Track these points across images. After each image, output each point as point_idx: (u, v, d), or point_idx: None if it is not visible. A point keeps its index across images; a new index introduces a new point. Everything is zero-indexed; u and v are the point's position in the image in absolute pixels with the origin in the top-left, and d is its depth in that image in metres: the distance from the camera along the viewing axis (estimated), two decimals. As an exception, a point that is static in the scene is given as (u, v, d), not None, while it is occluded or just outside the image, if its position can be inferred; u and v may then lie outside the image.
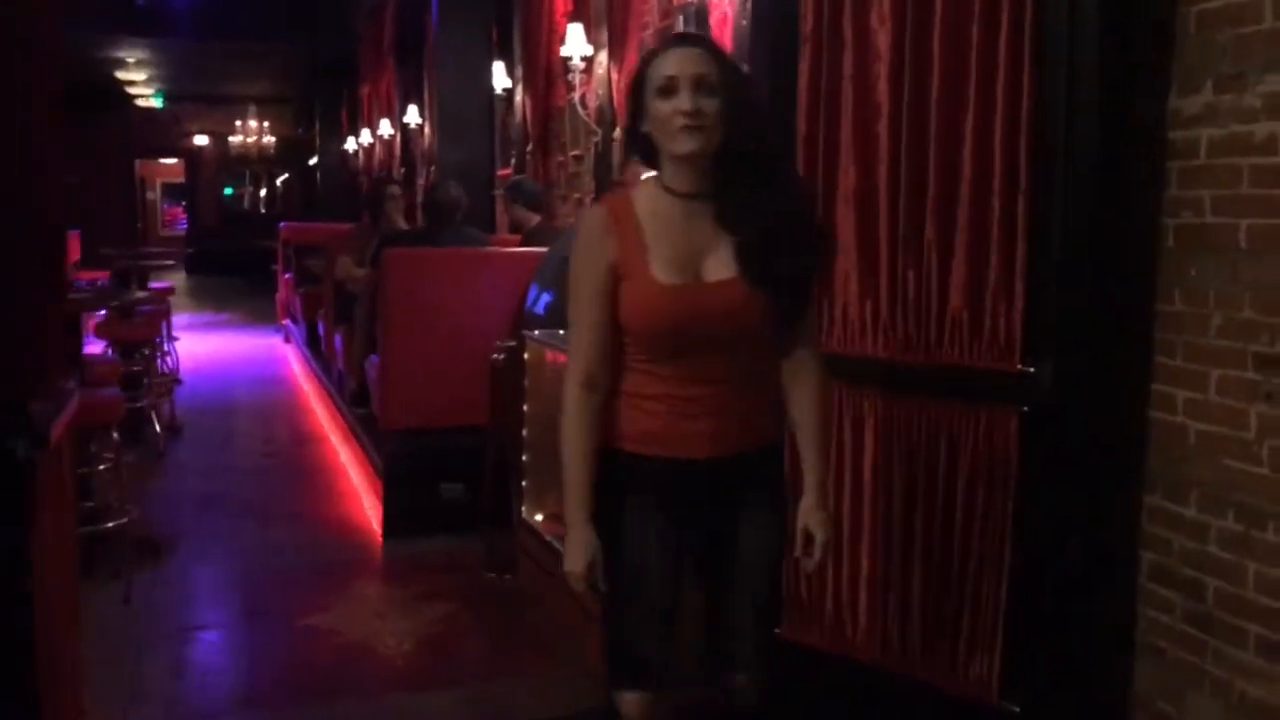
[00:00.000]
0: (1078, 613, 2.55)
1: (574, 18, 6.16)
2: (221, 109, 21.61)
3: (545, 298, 4.90)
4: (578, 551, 1.96)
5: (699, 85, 1.87)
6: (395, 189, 6.49)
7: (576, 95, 6.02)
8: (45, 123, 2.01)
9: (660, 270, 1.93)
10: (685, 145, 1.89)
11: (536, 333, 4.30)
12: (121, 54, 16.18)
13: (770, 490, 2.11)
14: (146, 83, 18.79)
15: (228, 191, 22.72)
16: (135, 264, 8.11)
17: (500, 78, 7.69)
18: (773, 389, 2.08)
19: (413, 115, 10.54)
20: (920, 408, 2.73)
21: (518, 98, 7.61)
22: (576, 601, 1.94)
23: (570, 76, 5.98)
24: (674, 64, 1.90)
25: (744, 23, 4.25)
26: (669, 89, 1.89)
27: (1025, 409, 2.54)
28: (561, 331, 4.25)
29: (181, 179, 22.74)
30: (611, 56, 5.81)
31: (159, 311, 7.33)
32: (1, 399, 1.71)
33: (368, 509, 5.18)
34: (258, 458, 6.47)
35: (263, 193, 23.01)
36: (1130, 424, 2.55)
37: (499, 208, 7.92)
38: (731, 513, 2.07)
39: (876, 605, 2.83)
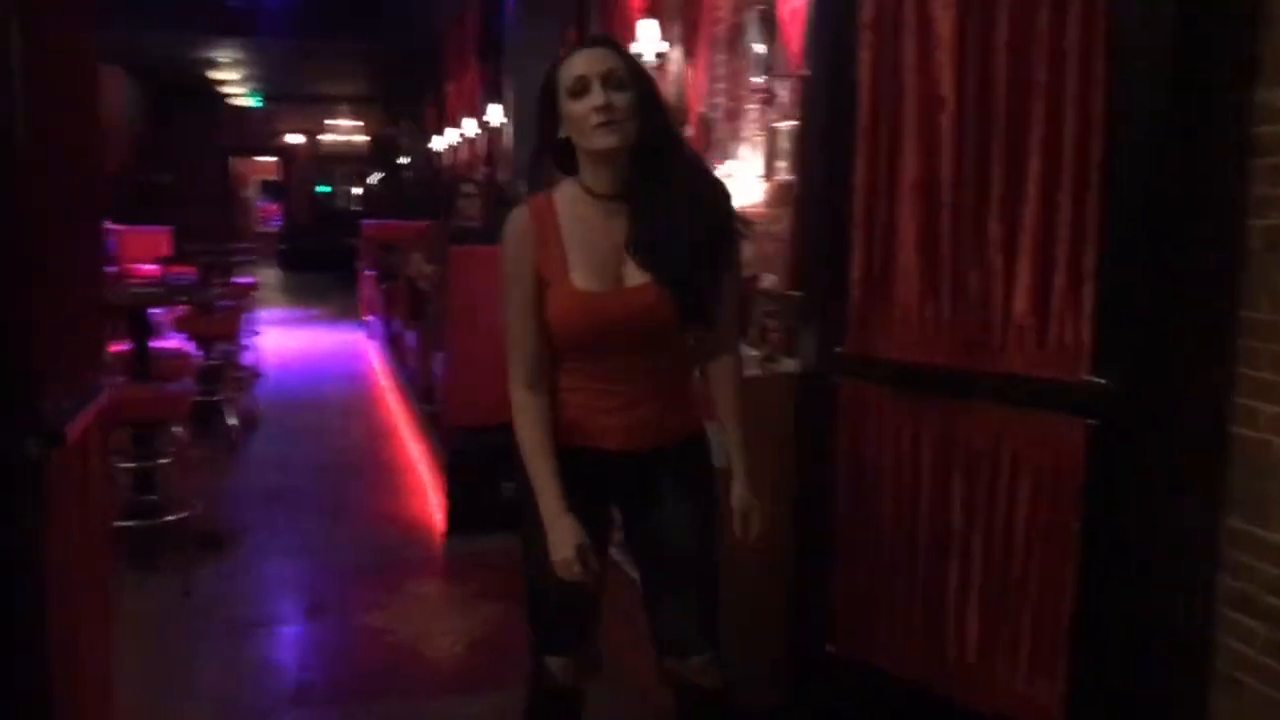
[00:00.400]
0: (1149, 639, 2.38)
1: (648, 14, 6.08)
2: (315, 108, 22.00)
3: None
4: (564, 539, 1.98)
5: (608, 80, 1.90)
6: (469, 187, 6.51)
7: (648, 92, 5.94)
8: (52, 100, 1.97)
9: (580, 277, 1.98)
10: (604, 140, 1.91)
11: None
12: (215, 54, 16.55)
13: (690, 480, 2.15)
14: (241, 82, 19.23)
15: (324, 189, 23.10)
16: (219, 260, 8.22)
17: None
18: (689, 386, 2.17)
19: (495, 115, 10.54)
20: (981, 417, 2.58)
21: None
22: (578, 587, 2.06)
23: (643, 73, 5.91)
24: (582, 64, 1.92)
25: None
26: (581, 89, 1.91)
27: (1094, 421, 2.37)
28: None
29: (276, 176, 23.23)
30: (686, 53, 5.72)
31: (239, 307, 7.44)
32: (9, 397, 1.67)
33: (432, 506, 5.17)
34: (330, 453, 6.51)
35: (357, 191, 23.36)
36: (1209, 439, 2.37)
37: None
38: (654, 504, 2.13)
39: (932, 623, 2.70)
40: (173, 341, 6.44)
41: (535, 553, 2.03)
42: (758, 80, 5.05)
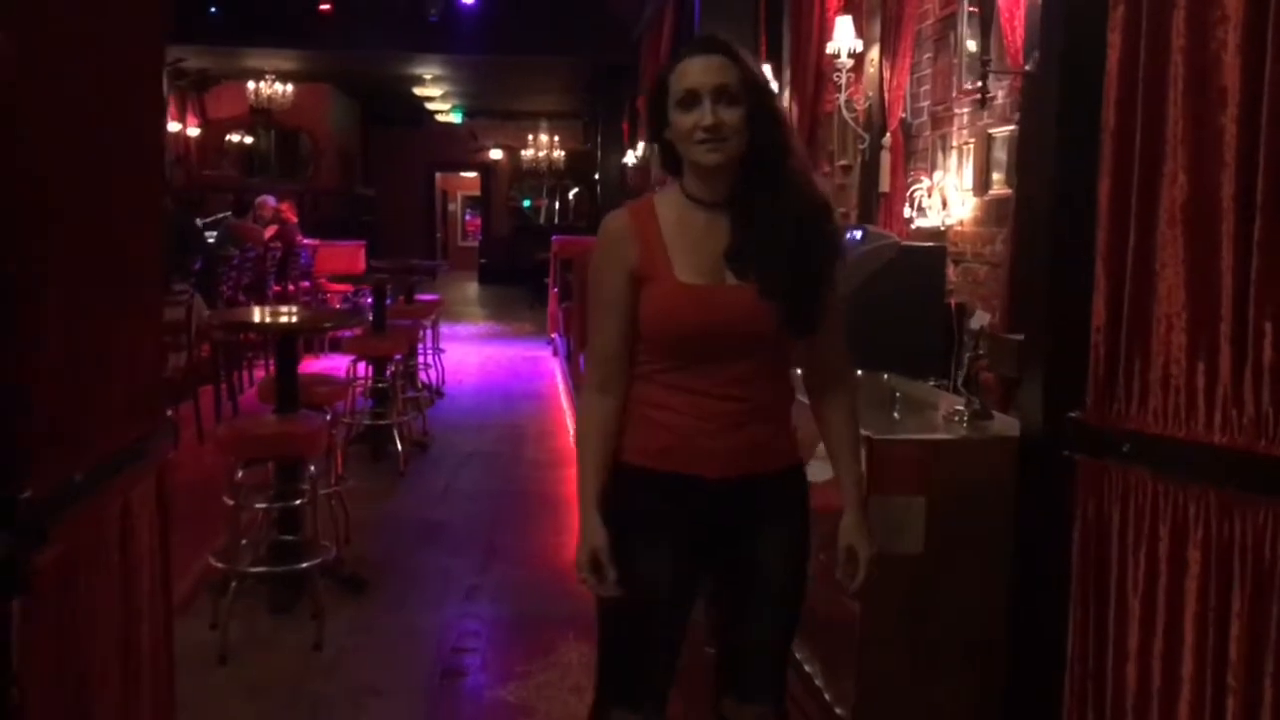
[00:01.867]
0: None
1: (844, 10, 5.48)
2: (515, 123, 22.27)
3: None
4: (585, 540, 1.93)
5: (720, 95, 1.85)
6: (646, 202, 6.01)
7: (842, 97, 5.34)
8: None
9: (683, 273, 1.92)
10: (707, 159, 1.87)
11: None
12: (419, 70, 16.86)
13: (788, 515, 2.05)
14: (444, 98, 19.58)
15: (525, 204, 23.36)
16: (403, 276, 8.08)
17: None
18: (790, 412, 2.05)
19: (684, 125, 10.12)
20: (1274, 518, 1.90)
21: (785, 102, 7.00)
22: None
23: (837, 76, 5.31)
24: (695, 75, 1.86)
25: (1040, -1, 3.46)
26: (690, 101, 1.86)
27: None
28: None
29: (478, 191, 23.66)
30: (884, 52, 5.10)
31: (415, 326, 7.24)
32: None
33: (593, 552, 4.72)
34: (498, 482, 6.18)
35: (556, 205, 23.53)
36: None
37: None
38: (747, 538, 2.02)
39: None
40: (329, 363, 6.26)
41: (628, 599, 1.95)
42: (970, 81, 4.40)
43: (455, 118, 21.82)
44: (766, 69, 7.15)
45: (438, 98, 19.38)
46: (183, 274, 7.01)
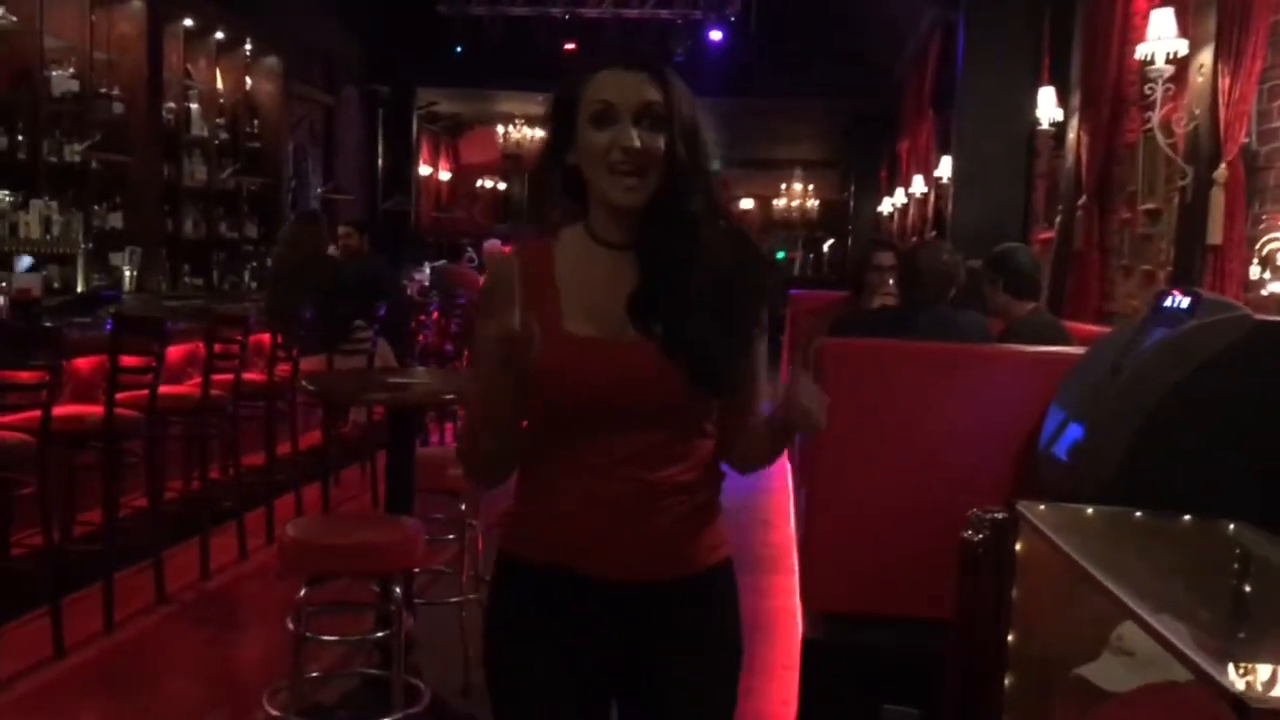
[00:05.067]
0: None
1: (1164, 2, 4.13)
2: (768, 172, 21.56)
3: (1073, 432, 3.03)
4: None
5: (642, 117, 1.57)
6: (884, 256, 4.81)
7: (1156, 116, 3.98)
8: None
9: (573, 323, 1.62)
10: (625, 199, 1.58)
11: (1042, 507, 2.44)
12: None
13: (709, 638, 1.69)
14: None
15: (779, 255, 22.61)
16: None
17: (1048, 107, 5.74)
18: (714, 505, 1.70)
19: (945, 168, 8.90)
20: None
21: (1070, 134, 5.62)
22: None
23: (1149, 89, 3.97)
24: (614, 87, 1.59)
25: None
26: (605, 117, 1.58)
27: None
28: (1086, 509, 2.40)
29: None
30: (1220, 54, 3.72)
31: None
32: None
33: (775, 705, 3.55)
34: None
35: (811, 256, 22.65)
36: None
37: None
38: (651, 668, 1.67)
39: None
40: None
41: None
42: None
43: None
44: (1049, 94, 5.81)
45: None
46: (367, 319, 6.39)
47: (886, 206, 14.21)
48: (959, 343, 3.54)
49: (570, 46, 13.26)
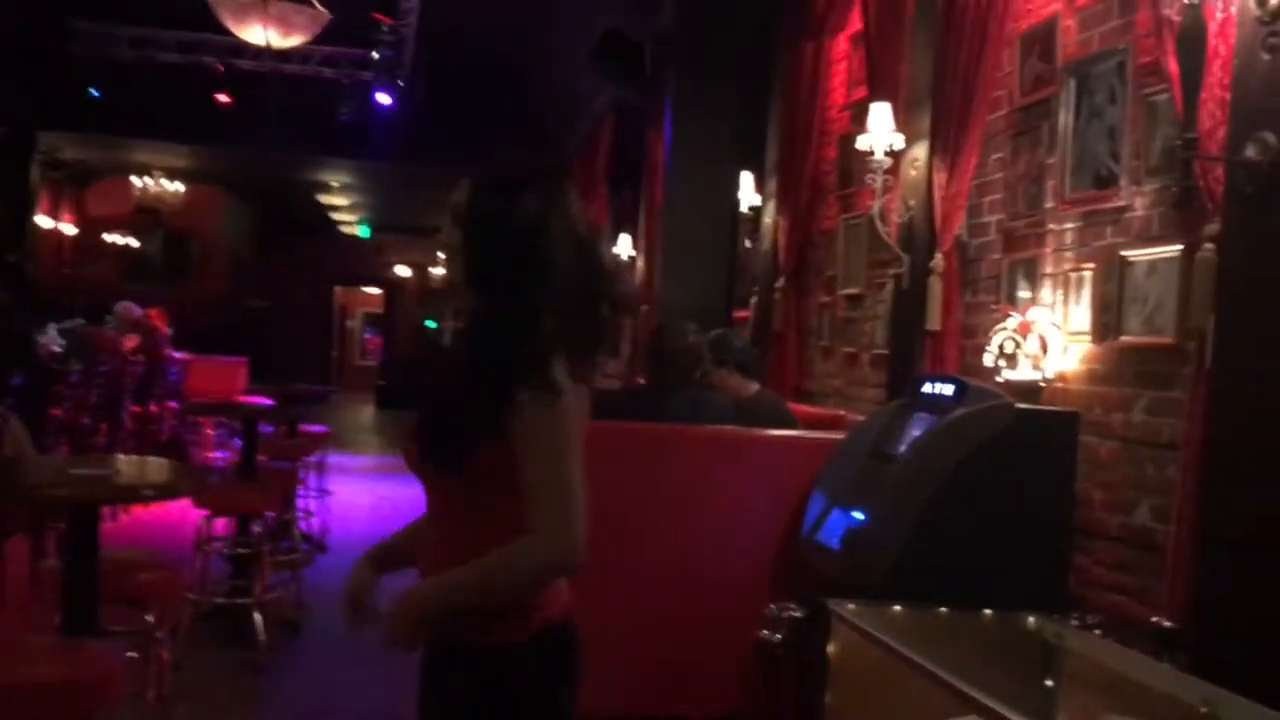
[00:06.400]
0: None
1: (873, 95, 4.33)
2: (425, 240, 21.17)
3: (843, 519, 2.99)
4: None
5: (452, 214, 1.78)
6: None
7: (877, 205, 4.15)
8: None
9: None
10: (441, 276, 1.90)
11: (851, 605, 2.34)
12: (325, 177, 15.67)
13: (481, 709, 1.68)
14: (350, 209, 18.39)
15: (430, 324, 22.16)
16: (284, 408, 6.61)
17: (748, 192, 5.92)
18: None
19: (625, 245, 9.03)
20: None
21: (767, 218, 5.82)
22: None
23: (870, 179, 4.13)
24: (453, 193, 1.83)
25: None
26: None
27: None
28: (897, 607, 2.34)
29: (381, 309, 22.39)
30: (935, 151, 3.93)
31: (291, 470, 5.74)
32: None
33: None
34: (396, 689, 4.63)
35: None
36: None
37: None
38: None
39: None
40: (171, 512, 4.71)
41: None
42: (1081, 187, 3.23)
43: (360, 232, 20.55)
44: (749, 178, 5.99)
45: (344, 208, 18.13)
46: (-1, 390, 5.45)
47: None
48: (711, 424, 3.45)
49: (224, 99, 12.39)
